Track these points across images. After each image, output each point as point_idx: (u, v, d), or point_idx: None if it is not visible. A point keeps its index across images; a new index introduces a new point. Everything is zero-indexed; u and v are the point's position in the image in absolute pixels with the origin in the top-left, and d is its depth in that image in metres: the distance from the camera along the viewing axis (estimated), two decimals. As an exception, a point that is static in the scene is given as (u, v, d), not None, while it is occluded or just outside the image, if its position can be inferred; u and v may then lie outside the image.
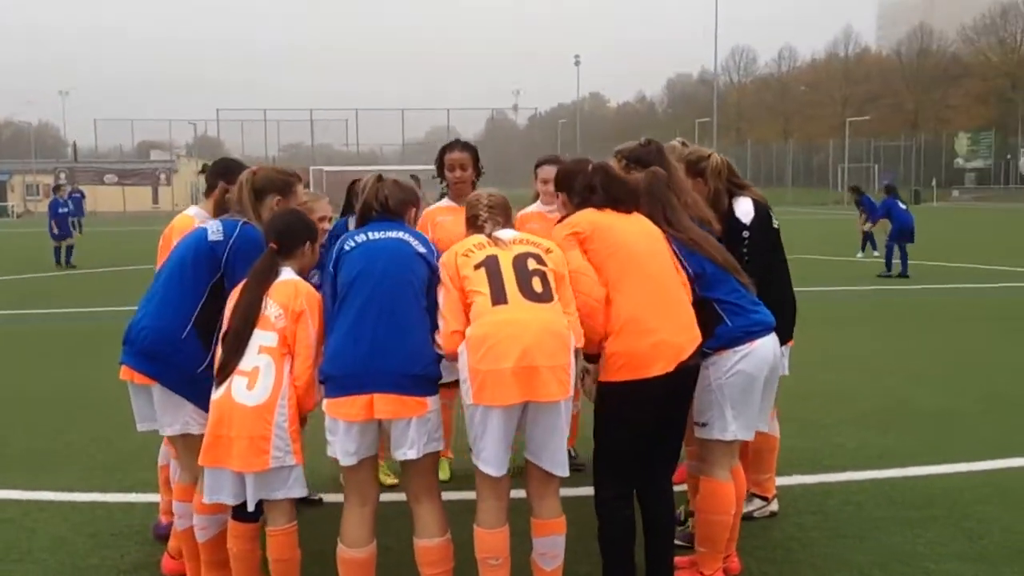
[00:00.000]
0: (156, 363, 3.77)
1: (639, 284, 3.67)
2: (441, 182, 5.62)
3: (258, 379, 3.54)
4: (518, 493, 3.71)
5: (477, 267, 3.61)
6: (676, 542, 4.05)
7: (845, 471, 5.54)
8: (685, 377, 3.66)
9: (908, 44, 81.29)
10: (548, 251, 3.69)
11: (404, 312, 3.56)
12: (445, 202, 5.54)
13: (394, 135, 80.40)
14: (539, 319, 3.46)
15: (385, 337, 3.49)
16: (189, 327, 3.79)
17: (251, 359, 3.57)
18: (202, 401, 3.77)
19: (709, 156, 4.46)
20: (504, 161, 65.62)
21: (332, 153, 76.46)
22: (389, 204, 3.83)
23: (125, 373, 3.88)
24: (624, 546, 3.72)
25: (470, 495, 3.74)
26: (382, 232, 3.76)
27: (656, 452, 3.76)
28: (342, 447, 3.51)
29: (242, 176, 4.05)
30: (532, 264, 3.61)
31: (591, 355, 3.67)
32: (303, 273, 3.86)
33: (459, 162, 5.46)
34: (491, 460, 3.48)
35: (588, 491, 3.85)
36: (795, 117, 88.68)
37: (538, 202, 5.62)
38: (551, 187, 5.44)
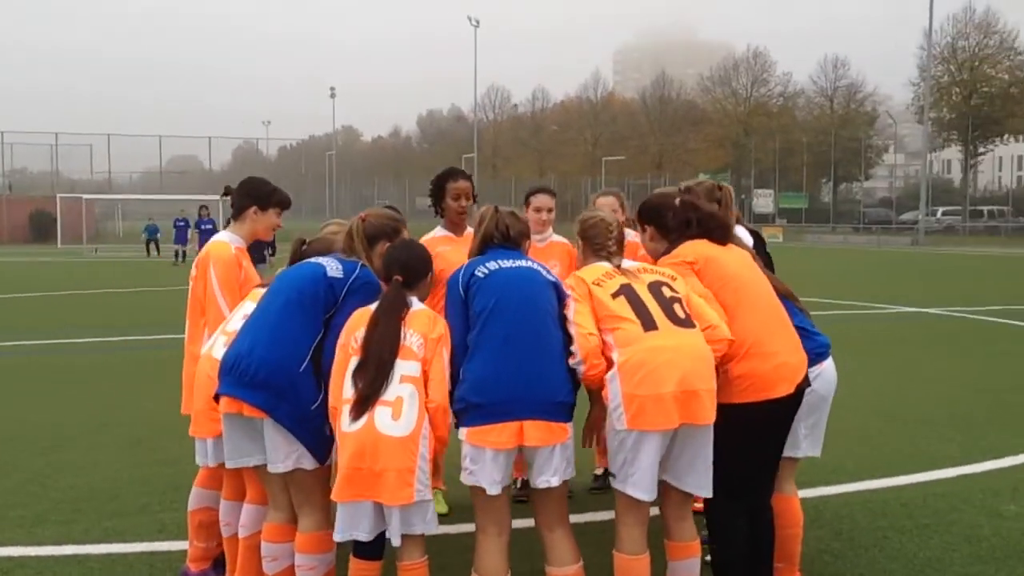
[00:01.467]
0: (271, 395, 3.63)
1: (754, 309, 3.87)
2: (437, 212, 5.51)
3: (403, 409, 3.47)
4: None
5: (615, 296, 3.69)
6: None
7: (816, 487, 5.94)
8: (799, 397, 3.85)
9: (651, 91, 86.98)
10: (673, 278, 3.81)
11: (547, 339, 3.62)
12: (441, 232, 5.45)
13: (138, 162, 76.20)
14: (691, 344, 3.59)
15: (532, 365, 3.54)
16: (306, 362, 3.68)
17: (394, 389, 3.50)
18: (309, 439, 3.67)
19: (722, 187, 4.73)
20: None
21: (71, 180, 71.34)
22: (510, 234, 3.90)
23: (230, 405, 3.69)
24: (742, 563, 3.83)
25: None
26: (511, 260, 3.79)
27: (762, 472, 3.91)
28: (489, 476, 3.49)
29: (353, 224, 4.05)
30: (668, 292, 3.74)
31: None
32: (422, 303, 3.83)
33: (464, 191, 5.38)
34: (643, 485, 3.55)
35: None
36: (549, 155, 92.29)
37: None
38: (544, 215, 5.57)
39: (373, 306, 3.71)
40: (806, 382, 3.85)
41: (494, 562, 3.58)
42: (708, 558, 4.20)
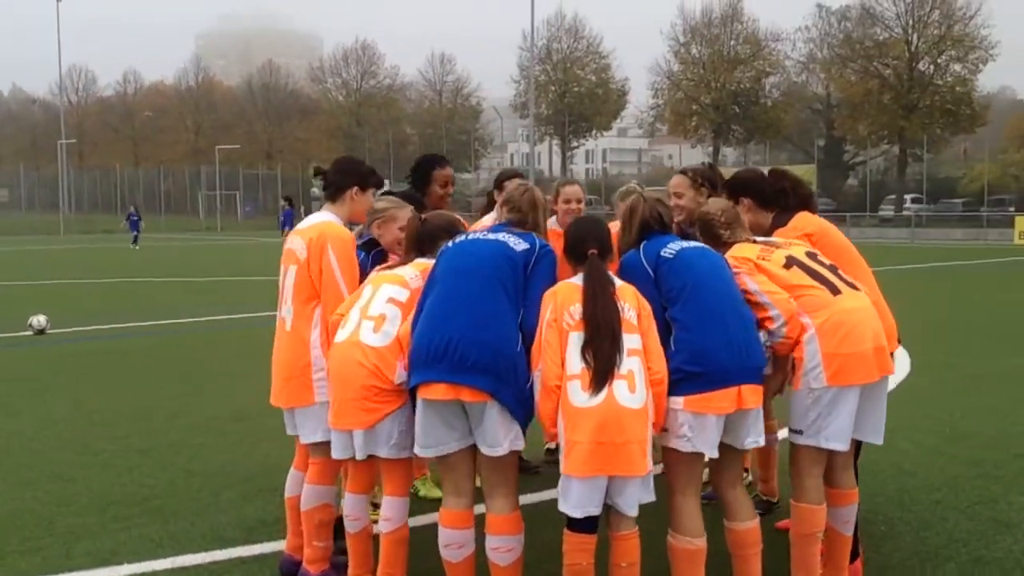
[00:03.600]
0: (495, 379, 3.52)
1: (866, 273, 4.23)
2: (421, 198, 5.31)
3: (636, 382, 3.47)
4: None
5: (787, 267, 3.88)
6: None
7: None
8: None
9: (258, 78, 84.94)
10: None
11: (743, 309, 3.75)
12: None
13: None
14: (869, 305, 3.88)
15: (739, 333, 3.66)
16: (520, 341, 3.61)
17: (625, 362, 3.48)
18: (524, 419, 3.67)
19: (713, 167, 5.11)
20: None
21: None
22: (664, 219, 3.97)
23: (447, 391, 3.52)
24: None
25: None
26: (683, 243, 3.88)
27: None
28: (710, 440, 3.60)
29: (535, 195, 4.06)
30: (825, 260, 3.99)
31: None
32: None
33: (451, 178, 5.44)
34: (840, 437, 3.78)
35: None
36: (146, 143, 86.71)
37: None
38: (574, 205, 5.55)
39: (575, 281, 3.67)
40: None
41: (698, 521, 3.68)
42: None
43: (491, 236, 3.85)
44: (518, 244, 3.78)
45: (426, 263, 4.00)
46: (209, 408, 7.93)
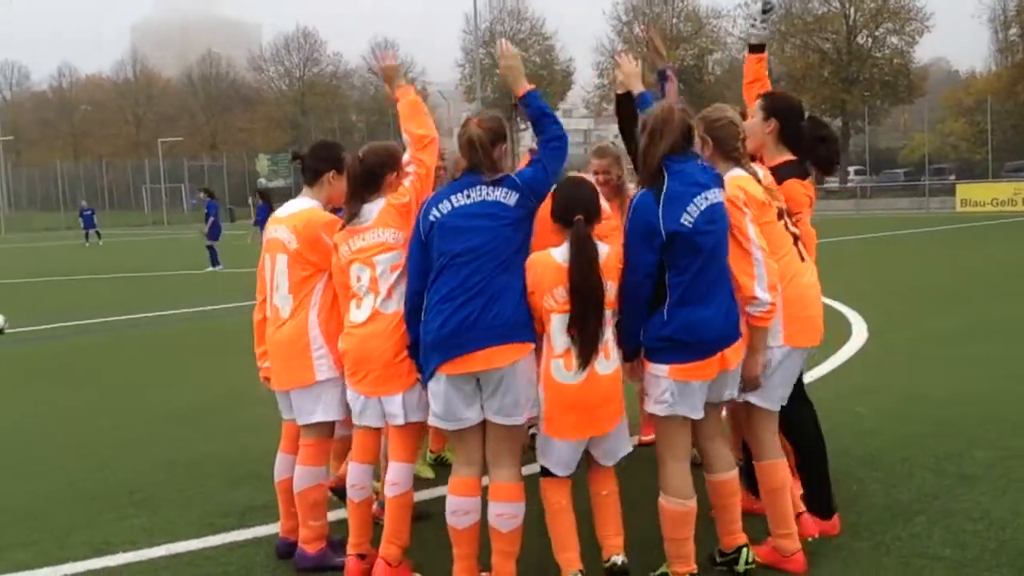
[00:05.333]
0: (530, 329, 3.69)
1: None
2: None
3: (610, 349, 3.65)
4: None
5: (779, 218, 4.00)
6: None
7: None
8: None
9: (198, 69, 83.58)
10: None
11: (727, 269, 3.77)
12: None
13: None
14: (817, 282, 4.12)
15: (731, 300, 3.75)
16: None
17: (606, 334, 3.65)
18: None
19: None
20: None
21: None
22: (692, 136, 3.77)
23: (488, 357, 3.60)
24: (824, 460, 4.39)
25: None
26: (703, 195, 3.67)
27: None
28: (696, 405, 3.71)
29: (472, 134, 3.74)
30: (794, 228, 4.12)
31: None
32: None
33: (442, 153, 5.37)
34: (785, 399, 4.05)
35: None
36: (85, 137, 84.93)
37: None
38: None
39: (558, 259, 3.62)
40: None
41: (688, 483, 3.78)
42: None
43: (477, 197, 3.69)
44: (508, 196, 3.69)
45: (390, 218, 3.96)
46: (178, 400, 7.96)
